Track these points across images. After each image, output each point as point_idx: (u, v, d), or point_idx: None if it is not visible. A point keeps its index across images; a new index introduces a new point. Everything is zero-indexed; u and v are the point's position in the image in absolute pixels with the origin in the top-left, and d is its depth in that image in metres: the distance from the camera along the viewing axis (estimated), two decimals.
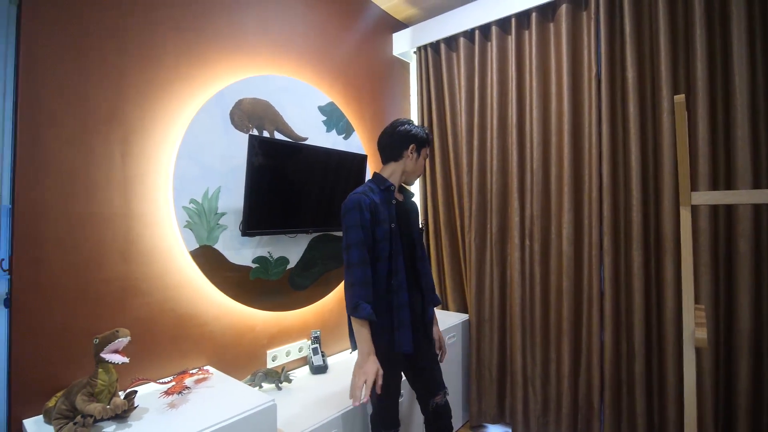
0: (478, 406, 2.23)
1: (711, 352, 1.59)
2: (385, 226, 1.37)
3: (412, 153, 1.47)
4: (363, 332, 1.29)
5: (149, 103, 1.48)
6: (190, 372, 1.44)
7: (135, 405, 1.20)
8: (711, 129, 1.63)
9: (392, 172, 1.47)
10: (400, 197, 1.51)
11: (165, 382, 1.35)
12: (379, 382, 1.27)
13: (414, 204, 1.58)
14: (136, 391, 1.22)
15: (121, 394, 1.21)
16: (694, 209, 1.64)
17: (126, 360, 1.15)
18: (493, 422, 2.22)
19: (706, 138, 1.62)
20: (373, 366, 1.27)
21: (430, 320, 1.54)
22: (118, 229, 1.39)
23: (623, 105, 1.86)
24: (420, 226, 1.54)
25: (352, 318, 1.31)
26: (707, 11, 1.64)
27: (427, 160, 2.51)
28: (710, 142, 1.62)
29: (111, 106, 1.39)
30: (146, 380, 1.33)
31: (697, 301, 1.61)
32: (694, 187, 1.65)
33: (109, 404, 1.12)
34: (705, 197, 1.15)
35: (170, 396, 1.29)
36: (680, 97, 1.07)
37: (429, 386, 1.48)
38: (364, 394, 1.24)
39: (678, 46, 1.72)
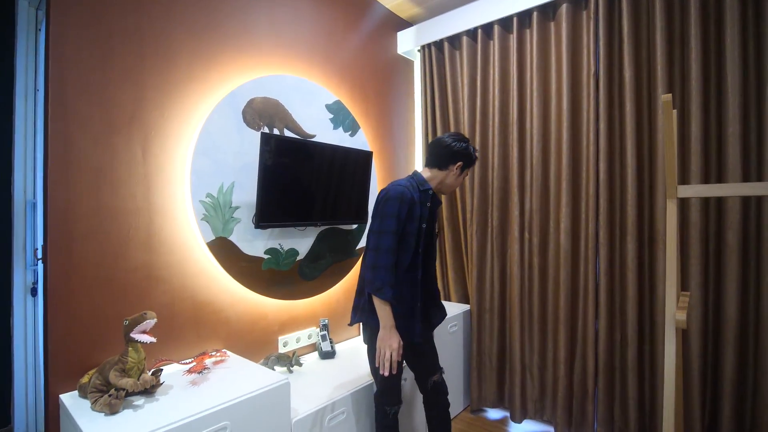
0: (479, 391, 2.33)
1: (699, 339, 1.68)
2: (416, 223, 1.47)
3: (457, 169, 1.56)
4: (386, 309, 1.38)
5: (167, 104, 1.58)
6: (210, 354, 1.55)
7: (161, 382, 1.31)
8: (704, 126, 1.69)
9: (432, 178, 1.58)
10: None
11: (186, 363, 1.46)
12: (400, 352, 1.39)
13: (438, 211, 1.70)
14: (161, 370, 1.33)
15: (149, 373, 1.32)
16: (687, 203, 1.72)
17: (153, 340, 1.26)
18: (493, 406, 2.32)
19: (699, 135, 1.68)
20: (396, 338, 1.38)
21: (435, 310, 1.63)
22: (141, 222, 1.50)
23: (620, 103, 1.92)
24: (437, 230, 1.64)
25: (374, 297, 1.39)
26: (702, 13, 1.70)
27: None
28: (702, 140, 1.69)
29: (132, 106, 1.49)
30: (169, 361, 1.45)
31: (686, 289, 1.69)
32: (686, 182, 1.72)
33: (138, 380, 1.23)
34: (690, 190, 1.23)
35: (192, 374, 1.40)
36: (667, 96, 1.15)
37: (428, 368, 1.61)
38: (390, 366, 1.36)
39: (674, 47, 1.78)
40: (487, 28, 2.36)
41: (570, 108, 2.04)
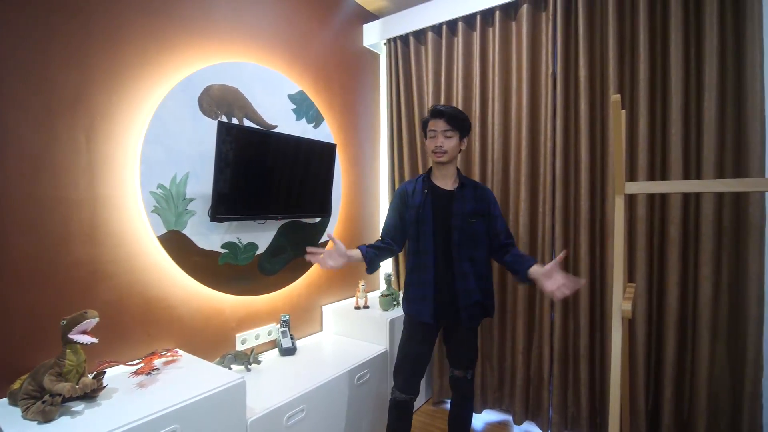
0: (440, 383, 2.37)
1: (644, 326, 1.78)
2: (412, 210, 1.60)
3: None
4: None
5: (115, 87, 1.47)
6: (160, 354, 1.47)
7: (104, 385, 1.22)
8: (650, 126, 1.79)
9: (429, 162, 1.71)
10: (450, 186, 1.62)
11: (133, 364, 1.38)
12: (328, 264, 1.50)
13: (465, 194, 1.60)
14: (104, 372, 1.25)
15: (90, 377, 1.23)
16: (634, 199, 1.81)
17: (95, 340, 1.17)
18: None
19: (646, 134, 1.78)
20: (335, 256, 1.52)
21: (467, 305, 1.57)
22: (84, 213, 1.39)
23: (575, 102, 2.00)
24: (470, 218, 1.57)
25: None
26: (650, 19, 1.79)
27: (396, 151, 2.58)
28: (649, 138, 1.78)
29: (76, 89, 1.38)
30: (114, 362, 1.36)
31: (632, 280, 1.79)
32: (633, 178, 1.82)
33: (77, 384, 1.14)
34: (636, 187, 1.30)
35: (139, 376, 1.33)
36: (616, 97, 1.19)
37: (451, 359, 1.72)
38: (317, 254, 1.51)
39: (624, 49, 1.87)
40: (452, 24, 2.37)
41: (529, 105, 2.10)
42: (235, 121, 1.84)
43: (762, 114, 1.56)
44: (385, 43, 2.67)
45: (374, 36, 2.63)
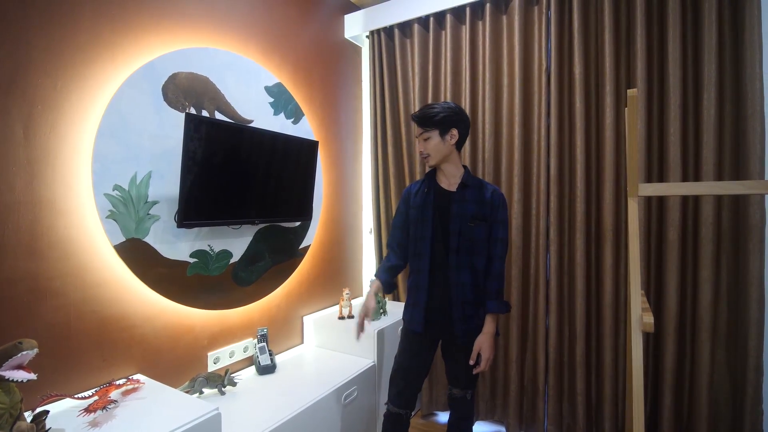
0: (430, 395, 2.25)
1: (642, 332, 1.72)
2: (413, 210, 1.52)
3: None
4: (373, 284, 1.61)
5: (60, 71, 1.25)
6: (117, 383, 1.26)
7: (47, 428, 1.01)
8: (647, 125, 1.74)
9: None
10: (454, 186, 1.47)
11: (85, 398, 1.17)
12: (365, 315, 1.55)
13: (467, 195, 1.44)
14: (47, 411, 1.04)
15: (29, 416, 1.02)
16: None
17: (32, 376, 0.96)
18: (444, 409, 2.25)
19: (643, 133, 1.72)
20: (367, 302, 1.56)
21: (463, 317, 1.43)
22: (21, 220, 1.17)
23: (570, 99, 1.92)
24: (470, 222, 1.42)
25: None
26: (647, 14, 1.73)
27: (380, 149, 2.45)
28: (646, 138, 1.73)
29: (10, 71, 1.15)
30: (61, 396, 1.14)
31: (627, 285, 1.73)
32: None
33: (11, 430, 0.93)
34: (651, 188, 1.21)
35: (92, 413, 1.12)
36: (633, 91, 1.10)
37: (449, 376, 1.56)
38: (357, 331, 1.58)
39: (621, 45, 1.81)
40: (440, 16, 2.26)
41: (522, 103, 2.01)
42: (205, 114, 1.65)
43: (761, 114, 1.53)
44: (367, 36, 2.52)
45: (356, 27, 2.47)
